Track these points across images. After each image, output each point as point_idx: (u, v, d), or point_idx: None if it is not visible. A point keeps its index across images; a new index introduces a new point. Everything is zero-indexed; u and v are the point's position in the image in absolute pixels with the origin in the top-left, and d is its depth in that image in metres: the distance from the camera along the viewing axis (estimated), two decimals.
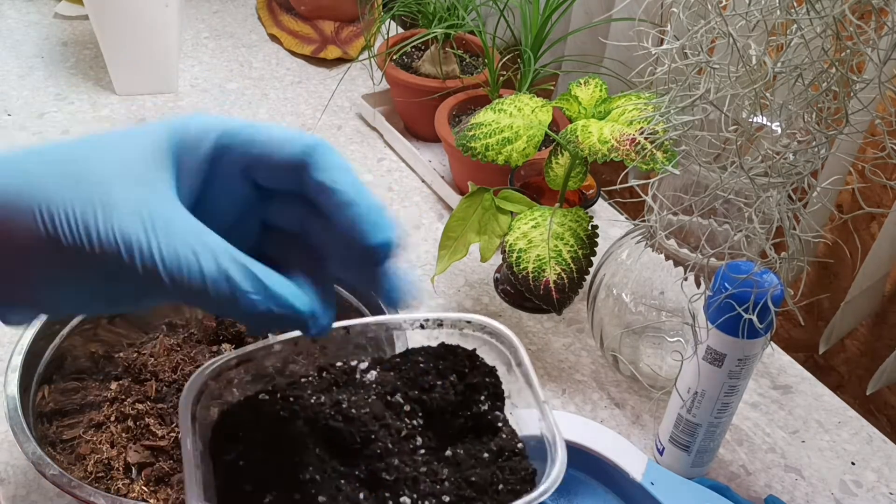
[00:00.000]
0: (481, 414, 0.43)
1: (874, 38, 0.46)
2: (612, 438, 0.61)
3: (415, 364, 0.44)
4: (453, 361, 0.44)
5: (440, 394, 0.43)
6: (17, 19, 1.17)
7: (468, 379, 0.44)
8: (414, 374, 0.44)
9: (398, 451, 0.41)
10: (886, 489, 0.68)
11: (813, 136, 0.51)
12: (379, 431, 0.41)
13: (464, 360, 0.44)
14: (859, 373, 0.98)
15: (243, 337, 0.70)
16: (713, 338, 0.58)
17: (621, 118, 0.67)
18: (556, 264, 0.70)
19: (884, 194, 0.87)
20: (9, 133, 0.97)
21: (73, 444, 0.62)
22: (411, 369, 0.44)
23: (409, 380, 0.43)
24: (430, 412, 0.43)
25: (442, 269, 0.74)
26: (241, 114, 1.04)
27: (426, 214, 0.92)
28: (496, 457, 0.42)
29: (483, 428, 0.43)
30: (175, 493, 0.60)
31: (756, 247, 0.55)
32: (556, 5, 0.86)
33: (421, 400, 0.43)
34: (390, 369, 0.44)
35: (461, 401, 0.43)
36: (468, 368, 0.44)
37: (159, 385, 0.66)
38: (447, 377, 0.43)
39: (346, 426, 0.40)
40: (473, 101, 0.95)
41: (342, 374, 0.44)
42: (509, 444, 0.42)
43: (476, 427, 0.43)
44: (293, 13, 1.19)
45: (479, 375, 0.44)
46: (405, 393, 0.43)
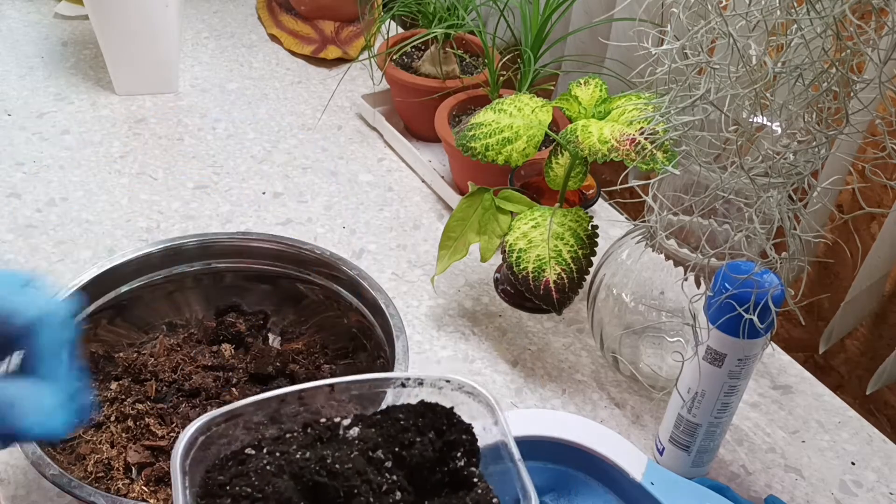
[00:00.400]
0: (458, 470, 0.45)
1: (874, 38, 0.46)
2: (612, 438, 0.61)
3: (395, 421, 0.46)
4: (432, 419, 0.46)
5: (419, 450, 0.45)
6: (17, 19, 1.17)
7: (446, 436, 0.46)
8: (395, 431, 0.46)
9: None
10: (886, 489, 0.68)
11: (813, 136, 0.51)
12: (361, 486, 0.42)
13: (442, 417, 0.46)
14: (859, 373, 0.98)
15: (243, 337, 0.70)
16: (713, 338, 0.58)
17: (621, 118, 0.67)
18: (556, 264, 0.70)
19: (884, 194, 0.87)
20: (9, 133, 0.97)
21: (73, 444, 0.62)
22: (392, 426, 0.46)
23: (390, 436, 0.45)
24: (410, 467, 0.45)
25: (442, 269, 0.74)
26: (241, 114, 1.04)
27: (426, 214, 0.92)
28: None
29: (459, 483, 0.45)
30: None
31: (756, 247, 0.55)
32: (556, 5, 0.86)
33: (401, 456, 0.45)
34: (372, 426, 0.46)
35: (439, 457, 0.45)
36: (446, 426, 0.46)
37: (159, 385, 0.66)
38: (426, 434, 0.45)
39: (331, 481, 0.42)
40: (473, 101, 0.95)
41: (326, 430, 0.46)
42: (485, 499, 0.45)
43: (452, 483, 0.45)
44: (293, 13, 1.19)
45: (457, 433, 0.46)
46: (386, 449, 0.45)
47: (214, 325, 0.71)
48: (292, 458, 0.43)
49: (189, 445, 0.43)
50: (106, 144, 0.97)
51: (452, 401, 0.47)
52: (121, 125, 1.00)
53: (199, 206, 0.90)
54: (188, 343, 0.71)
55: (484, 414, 0.47)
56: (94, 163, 0.94)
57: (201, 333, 0.71)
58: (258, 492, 0.42)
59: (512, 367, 0.76)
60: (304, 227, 0.88)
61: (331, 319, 0.72)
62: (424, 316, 0.80)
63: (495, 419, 0.47)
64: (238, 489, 0.42)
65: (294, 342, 0.72)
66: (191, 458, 0.43)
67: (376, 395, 0.49)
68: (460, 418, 0.46)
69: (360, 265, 0.72)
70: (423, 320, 0.79)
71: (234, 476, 0.43)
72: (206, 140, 0.99)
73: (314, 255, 0.71)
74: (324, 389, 0.47)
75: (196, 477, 0.43)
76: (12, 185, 0.90)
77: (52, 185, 0.90)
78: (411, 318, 0.79)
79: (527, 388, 0.74)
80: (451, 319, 0.80)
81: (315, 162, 0.98)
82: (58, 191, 0.90)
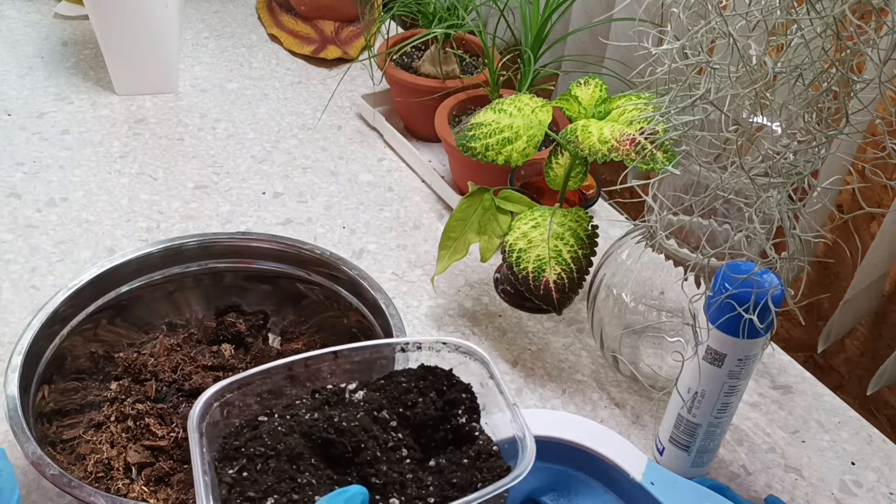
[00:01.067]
0: (459, 426, 0.48)
1: (874, 38, 0.46)
2: (612, 438, 0.61)
3: (398, 384, 0.49)
4: (432, 381, 0.49)
5: (422, 409, 0.47)
6: (17, 19, 1.17)
7: (446, 395, 0.48)
8: (398, 393, 0.48)
9: (386, 459, 0.45)
10: (886, 489, 0.68)
11: (813, 136, 0.51)
12: (368, 442, 0.45)
13: (442, 379, 0.49)
14: (859, 373, 0.98)
15: (243, 337, 0.70)
16: (713, 338, 0.58)
17: (621, 118, 0.67)
18: (556, 264, 0.70)
19: (884, 194, 0.87)
20: (9, 133, 0.97)
21: (73, 444, 0.62)
22: (395, 389, 0.48)
23: (393, 398, 0.48)
24: (414, 426, 0.47)
25: (442, 269, 0.74)
26: (241, 114, 1.04)
27: (426, 214, 0.92)
28: (474, 460, 0.46)
29: (462, 439, 0.48)
30: (175, 493, 0.60)
31: (756, 247, 0.55)
32: (556, 5, 0.86)
33: (405, 416, 0.47)
34: (376, 389, 0.49)
35: (441, 415, 0.48)
36: (446, 386, 0.49)
37: (159, 385, 0.66)
38: (427, 395, 0.48)
39: (339, 437, 0.44)
40: (473, 101, 0.95)
41: (333, 394, 0.49)
42: (485, 449, 0.47)
43: (455, 439, 0.48)
44: (293, 13, 1.19)
45: (456, 392, 0.48)
46: (391, 409, 0.47)
47: (214, 325, 0.71)
48: (302, 420, 0.46)
49: (204, 410, 0.45)
50: (106, 144, 0.97)
51: (450, 362, 0.50)
52: (121, 125, 1.00)
53: (199, 206, 0.90)
54: (188, 343, 0.71)
55: (480, 371, 0.50)
56: (94, 163, 0.94)
57: (201, 333, 0.71)
58: (271, 450, 0.44)
59: (512, 367, 0.76)
60: (304, 227, 0.88)
61: (331, 319, 0.72)
62: (424, 316, 0.80)
63: (490, 373, 0.49)
64: (252, 449, 0.44)
65: (294, 342, 0.72)
66: (206, 422, 0.45)
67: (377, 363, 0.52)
68: (459, 379, 0.49)
69: (360, 265, 0.72)
70: (423, 320, 0.79)
71: (248, 440, 0.45)
72: (206, 140, 0.99)
73: (314, 255, 0.71)
74: (328, 357, 0.50)
75: (212, 443, 0.45)
76: (12, 185, 0.90)
77: (52, 185, 0.90)
78: (411, 318, 0.79)
79: (527, 388, 0.74)
80: (451, 319, 0.80)
81: (315, 162, 0.98)
82: (58, 191, 0.90)
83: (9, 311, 0.76)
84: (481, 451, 0.47)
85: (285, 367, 0.48)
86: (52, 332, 0.64)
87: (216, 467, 0.44)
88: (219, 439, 0.46)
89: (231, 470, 0.44)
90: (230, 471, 0.44)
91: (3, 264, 0.81)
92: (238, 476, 0.43)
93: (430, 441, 0.47)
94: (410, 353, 0.51)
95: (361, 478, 0.44)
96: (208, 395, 0.46)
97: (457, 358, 0.51)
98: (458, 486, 0.44)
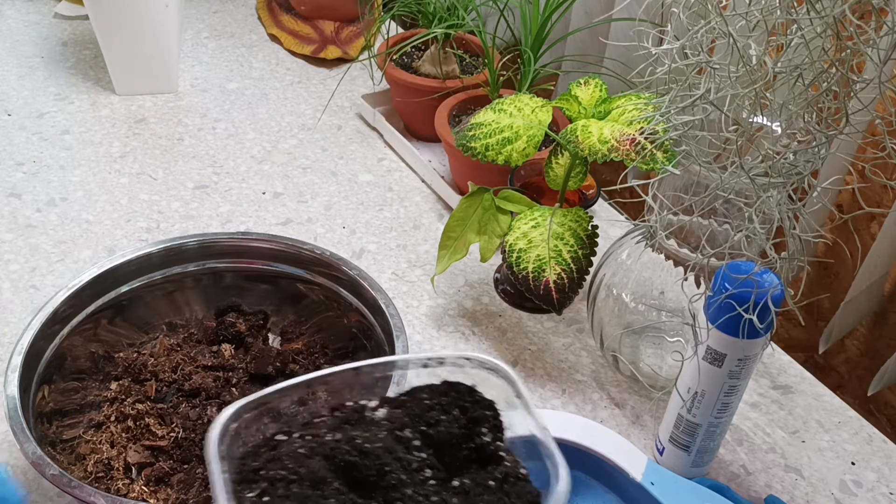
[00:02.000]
0: (484, 445, 0.46)
1: (874, 38, 0.46)
2: (612, 438, 0.61)
3: (420, 401, 0.47)
4: (455, 397, 0.47)
5: (445, 428, 0.46)
6: (17, 19, 1.17)
7: (470, 413, 0.47)
8: (420, 411, 0.46)
9: (411, 481, 0.43)
10: (886, 489, 0.68)
11: (813, 136, 0.51)
12: (392, 464, 0.43)
13: (465, 395, 0.47)
14: (859, 373, 0.98)
15: (243, 337, 0.70)
16: (713, 338, 0.58)
17: (621, 118, 0.67)
18: (556, 264, 0.70)
19: (884, 194, 0.87)
20: (9, 133, 0.97)
21: (73, 444, 0.63)
22: (417, 406, 0.47)
23: (416, 416, 0.46)
24: (437, 446, 0.45)
25: (442, 269, 0.74)
26: (241, 114, 1.04)
27: (426, 214, 0.92)
28: (501, 483, 0.44)
29: (487, 458, 0.46)
30: (175, 493, 0.60)
31: (756, 247, 0.55)
32: (556, 5, 0.86)
33: (428, 434, 0.45)
34: (398, 406, 0.47)
35: (465, 434, 0.46)
36: (469, 403, 0.47)
37: (159, 385, 0.66)
38: (451, 412, 0.46)
39: (362, 460, 0.43)
40: (473, 101, 0.95)
41: (353, 412, 0.47)
42: (513, 471, 0.45)
43: (480, 457, 0.46)
44: (293, 13, 1.19)
45: (480, 409, 0.47)
46: (413, 428, 0.46)
47: (214, 325, 0.71)
48: (323, 441, 0.44)
49: (222, 433, 0.43)
50: (106, 144, 0.97)
51: (473, 378, 0.48)
52: (121, 125, 1.00)
53: (198, 206, 0.90)
54: (188, 343, 0.71)
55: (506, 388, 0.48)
56: (94, 163, 0.94)
57: (201, 333, 0.71)
58: (293, 473, 0.42)
59: (512, 367, 0.76)
60: (304, 227, 0.88)
61: (331, 319, 0.72)
62: (424, 316, 0.80)
63: (517, 391, 0.47)
64: (273, 473, 0.42)
65: (294, 342, 0.72)
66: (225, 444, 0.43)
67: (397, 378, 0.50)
68: (482, 395, 0.47)
69: (360, 265, 0.72)
70: (423, 320, 0.79)
71: (267, 461, 0.43)
72: (206, 140, 0.99)
73: (314, 255, 0.71)
74: (349, 373, 0.48)
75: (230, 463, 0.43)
76: (12, 185, 0.90)
77: (52, 185, 0.91)
78: (411, 318, 0.79)
79: (527, 388, 0.74)
80: (451, 319, 0.80)
81: (315, 162, 0.98)
82: (58, 191, 0.90)
83: (9, 311, 0.76)
84: (508, 473, 0.45)
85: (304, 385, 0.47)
86: (52, 332, 0.64)
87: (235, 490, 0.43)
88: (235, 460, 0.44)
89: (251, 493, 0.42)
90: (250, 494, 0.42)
91: (3, 264, 0.81)
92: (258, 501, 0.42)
93: (453, 460, 0.46)
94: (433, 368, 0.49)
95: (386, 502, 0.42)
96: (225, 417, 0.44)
97: (482, 374, 0.49)
98: None
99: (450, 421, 0.46)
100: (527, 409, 0.47)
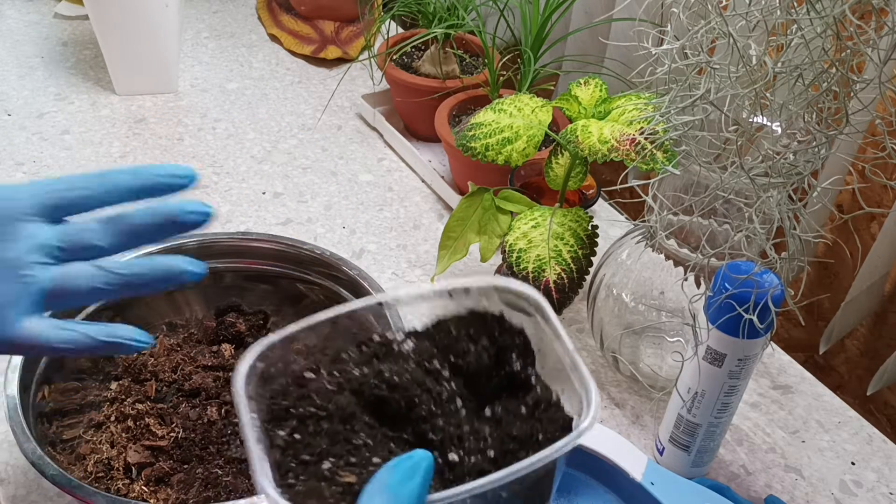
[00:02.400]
0: (515, 373, 0.45)
1: (874, 38, 0.46)
2: (612, 438, 0.61)
3: (447, 332, 0.46)
4: (483, 326, 0.46)
5: (474, 357, 0.45)
6: (17, 19, 1.17)
7: (499, 341, 0.46)
8: (448, 342, 0.46)
9: (441, 412, 0.42)
10: (886, 489, 0.68)
11: (813, 136, 0.51)
12: (422, 396, 0.42)
13: (493, 324, 0.46)
14: (859, 373, 0.98)
15: (243, 337, 0.70)
16: (713, 338, 0.58)
17: (621, 118, 0.67)
18: (556, 264, 0.70)
19: (884, 194, 0.87)
20: (9, 133, 0.97)
21: (73, 444, 0.62)
22: (445, 337, 0.46)
23: (444, 347, 0.45)
24: (467, 375, 0.45)
25: (442, 269, 0.74)
26: (241, 114, 1.04)
27: (426, 214, 0.92)
28: (533, 410, 0.44)
29: (517, 386, 0.45)
30: (175, 493, 0.60)
31: (756, 247, 0.55)
32: (556, 5, 0.86)
33: (457, 364, 0.45)
34: (425, 338, 0.46)
35: (494, 362, 0.45)
36: (498, 331, 0.46)
37: (159, 385, 0.66)
38: (479, 341, 0.45)
39: (391, 393, 0.42)
40: (473, 101, 0.95)
41: (380, 346, 0.46)
42: (545, 397, 0.44)
43: (511, 385, 0.45)
44: (293, 13, 1.19)
45: (509, 337, 0.46)
46: (441, 359, 0.45)
47: (214, 325, 0.71)
48: (350, 376, 0.44)
49: (249, 372, 0.43)
50: (106, 144, 0.97)
51: (500, 306, 0.47)
52: (121, 125, 1.00)
53: None
54: (188, 343, 0.71)
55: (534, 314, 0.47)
56: (94, 163, 0.94)
57: (201, 333, 0.71)
58: (322, 410, 0.42)
59: None
60: (304, 227, 0.88)
61: None
62: None
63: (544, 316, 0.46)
64: (302, 410, 0.42)
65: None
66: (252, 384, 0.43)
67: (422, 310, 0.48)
68: (511, 322, 0.46)
69: (360, 265, 0.72)
70: None
71: (296, 399, 0.43)
72: (206, 140, 0.99)
73: (314, 255, 0.71)
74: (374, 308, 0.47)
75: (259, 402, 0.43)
76: None
77: None
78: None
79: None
80: None
81: (315, 162, 0.98)
82: None
83: None
84: (539, 399, 0.44)
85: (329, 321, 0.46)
86: None
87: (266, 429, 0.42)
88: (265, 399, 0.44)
89: (282, 432, 0.42)
90: (281, 432, 0.42)
91: None
92: (290, 438, 0.42)
93: (484, 389, 0.45)
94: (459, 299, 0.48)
95: (417, 434, 0.42)
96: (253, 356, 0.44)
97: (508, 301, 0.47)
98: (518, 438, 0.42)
99: (478, 350, 0.45)
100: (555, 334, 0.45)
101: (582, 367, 0.44)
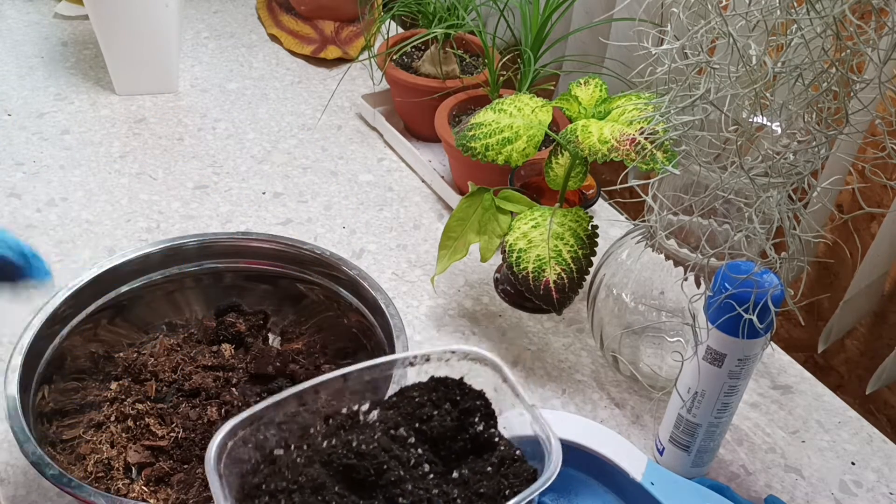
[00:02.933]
0: (478, 434, 0.47)
1: (874, 38, 0.46)
2: (612, 438, 0.61)
3: (410, 399, 0.48)
4: (445, 391, 0.48)
5: (438, 422, 0.47)
6: (17, 19, 1.17)
7: (461, 405, 0.48)
8: (412, 409, 0.48)
9: (410, 477, 0.44)
10: (886, 489, 0.68)
11: (813, 136, 0.51)
12: (390, 462, 0.44)
13: (454, 388, 0.48)
14: (859, 373, 0.98)
15: (243, 337, 0.70)
16: (713, 338, 0.58)
17: (621, 118, 0.67)
18: (556, 264, 0.70)
19: (884, 194, 0.87)
20: (9, 133, 0.97)
21: (73, 444, 0.62)
22: (408, 404, 0.48)
23: (408, 414, 0.47)
24: (432, 440, 0.47)
25: (442, 269, 0.74)
26: (241, 114, 1.04)
27: (426, 214, 0.92)
28: (499, 467, 0.46)
29: (482, 445, 0.47)
30: (175, 493, 0.60)
31: (756, 247, 0.55)
32: (556, 5, 0.86)
33: (422, 430, 0.47)
34: (389, 407, 0.48)
35: (458, 425, 0.47)
36: (459, 395, 0.48)
37: (159, 385, 0.66)
38: (442, 406, 0.47)
39: (360, 461, 0.44)
40: (473, 101, 0.95)
41: (347, 418, 0.48)
42: (508, 454, 0.46)
43: (475, 446, 0.47)
44: (293, 13, 1.19)
45: (470, 400, 0.48)
46: (407, 426, 0.47)
47: (214, 325, 0.71)
48: (319, 448, 0.45)
49: (220, 451, 0.44)
50: (106, 144, 0.97)
51: (460, 371, 0.49)
52: (121, 125, 1.00)
53: (198, 206, 0.90)
54: (188, 343, 0.71)
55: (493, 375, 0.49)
56: (94, 163, 0.94)
57: (201, 333, 0.71)
58: (293, 483, 0.43)
59: (512, 367, 0.76)
60: (304, 227, 0.88)
61: (331, 319, 0.72)
62: (424, 316, 0.80)
63: (503, 377, 0.49)
64: (273, 486, 0.43)
65: (294, 342, 0.72)
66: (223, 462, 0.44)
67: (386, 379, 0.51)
68: (471, 386, 0.48)
69: (360, 265, 0.72)
70: (423, 320, 0.79)
71: (267, 476, 0.44)
72: (206, 140, 0.99)
73: (314, 255, 0.71)
74: (338, 381, 0.49)
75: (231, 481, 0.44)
76: (12, 185, 0.90)
77: (52, 185, 0.90)
78: (411, 318, 0.79)
79: (527, 388, 0.74)
80: (451, 319, 0.80)
81: (315, 162, 0.98)
82: (58, 191, 0.90)
83: (9, 310, 0.76)
84: (504, 457, 0.46)
85: (295, 397, 0.47)
86: (52, 332, 0.64)
87: None
88: (237, 478, 0.45)
89: None
90: None
91: None
92: None
93: (450, 453, 0.47)
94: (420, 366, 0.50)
95: (388, 500, 0.43)
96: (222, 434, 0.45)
97: (467, 365, 0.50)
98: (486, 495, 0.44)
99: (442, 415, 0.47)
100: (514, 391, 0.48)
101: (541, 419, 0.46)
